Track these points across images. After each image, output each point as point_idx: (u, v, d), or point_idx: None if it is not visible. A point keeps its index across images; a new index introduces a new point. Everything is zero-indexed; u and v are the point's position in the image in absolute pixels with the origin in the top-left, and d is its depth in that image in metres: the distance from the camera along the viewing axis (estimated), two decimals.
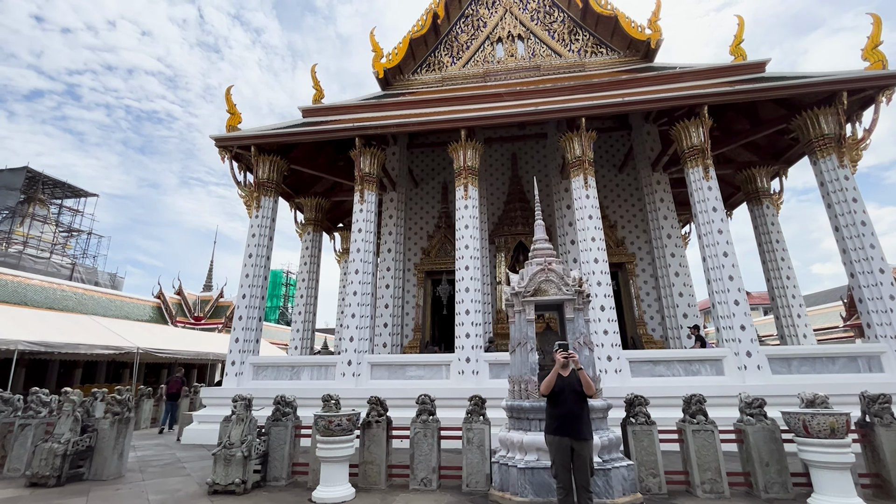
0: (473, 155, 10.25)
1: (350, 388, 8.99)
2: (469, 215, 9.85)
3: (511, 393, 5.29)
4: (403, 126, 10.06)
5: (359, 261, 9.88)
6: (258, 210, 10.59)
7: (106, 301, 20.50)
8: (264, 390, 9.15)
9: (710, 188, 9.22)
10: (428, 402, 5.43)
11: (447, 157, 16.37)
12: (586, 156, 9.68)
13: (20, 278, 17.05)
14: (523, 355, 5.21)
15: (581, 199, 9.58)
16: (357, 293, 9.63)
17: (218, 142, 10.52)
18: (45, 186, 30.06)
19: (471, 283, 9.34)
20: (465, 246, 9.63)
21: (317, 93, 12.54)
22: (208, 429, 8.88)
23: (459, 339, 9.11)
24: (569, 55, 13.79)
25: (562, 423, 3.71)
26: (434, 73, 14.38)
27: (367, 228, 10.16)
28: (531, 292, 5.32)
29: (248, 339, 9.74)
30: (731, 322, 8.41)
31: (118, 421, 5.97)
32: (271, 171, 10.89)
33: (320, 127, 10.29)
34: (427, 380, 9.07)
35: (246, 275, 10.08)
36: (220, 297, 26.88)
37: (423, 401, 5.43)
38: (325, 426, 4.77)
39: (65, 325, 13.55)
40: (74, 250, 30.77)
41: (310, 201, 13.82)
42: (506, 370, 8.94)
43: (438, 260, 15.12)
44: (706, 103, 9.09)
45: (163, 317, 23.64)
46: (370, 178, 10.56)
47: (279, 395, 5.84)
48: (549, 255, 5.73)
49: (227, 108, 10.97)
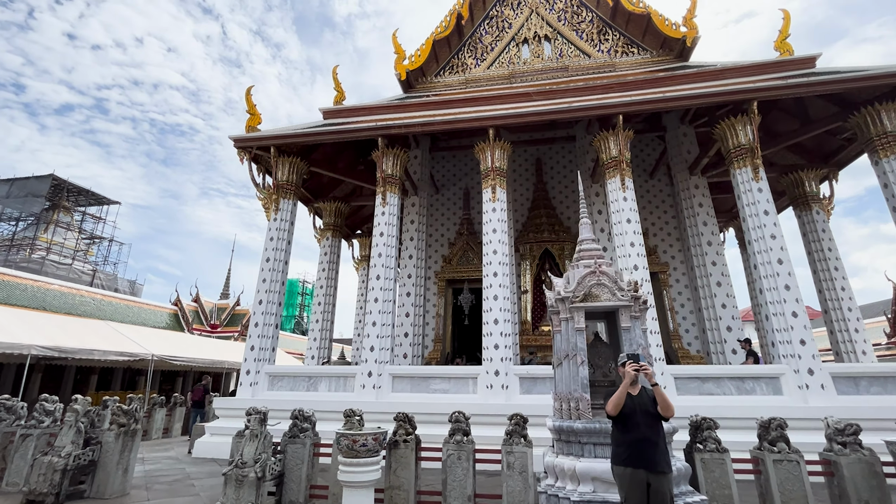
0: (501, 155, 9.72)
1: (370, 401, 8.42)
2: (497, 218, 9.29)
3: (558, 412, 4.66)
4: (428, 125, 9.61)
5: (380, 266, 9.38)
6: (277, 213, 10.21)
7: (124, 307, 20.41)
8: (280, 402, 8.66)
9: (760, 189, 8.51)
10: (462, 421, 4.83)
11: (469, 162, 15.96)
12: (623, 156, 9.08)
13: (40, 283, 17.03)
14: (572, 369, 4.58)
15: (618, 202, 8.94)
16: (378, 300, 9.11)
17: (237, 142, 10.22)
18: (69, 194, 30.55)
19: (499, 291, 8.74)
20: (493, 251, 9.06)
21: (338, 94, 12.23)
22: (221, 442, 8.39)
23: (487, 350, 8.49)
24: (598, 55, 13.26)
25: (635, 452, 3.08)
26: (457, 74, 13.98)
27: (389, 232, 9.68)
28: (580, 298, 4.70)
29: (263, 346, 9.27)
30: (788, 336, 7.63)
31: (124, 433, 5.50)
32: (291, 172, 10.53)
33: (342, 126, 9.91)
34: (452, 394, 8.46)
35: (263, 280, 9.67)
36: (236, 304, 26.71)
37: (457, 418, 4.83)
38: (349, 446, 4.20)
39: (80, 331, 13.33)
40: (96, 257, 31.11)
41: (329, 206, 13.44)
42: (538, 385, 8.29)
43: (460, 268, 14.58)
44: (756, 98, 8.42)
45: (180, 324, 23.49)
46: (393, 179, 10.11)
47: (297, 409, 5.31)
48: (598, 256, 5.12)
49: (247, 108, 10.70)
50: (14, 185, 29.30)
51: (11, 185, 29.32)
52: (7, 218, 28.97)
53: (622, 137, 9.08)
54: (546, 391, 8.18)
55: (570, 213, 14.72)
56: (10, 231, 28.63)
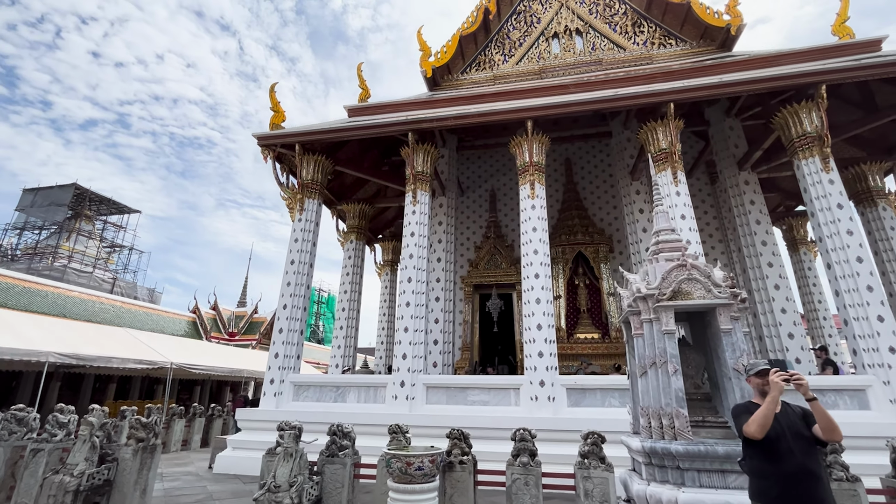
0: (539, 150, 9.10)
1: (403, 413, 7.77)
2: (537, 216, 8.65)
3: (645, 429, 3.96)
4: (462, 118, 9.05)
5: (412, 268, 8.78)
6: (301, 213, 9.72)
7: (143, 315, 20.16)
8: (306, 413, 8.07)
9: (831, 181, 7.72)
10: (528, 440, 4.16)
11: (494, 163, 15.38)
12: (674, 147, 8.38)
13: (60, 290, 16.84)
14: (662, 379, 3.89)
15: (671, 197, 8.23)
16: (411, 304, 8.50)
17: (261, 140, 9.80)
18: (91, 203, 30.82)
19: (542, 294, 8.06)
20: (533, 251, 8.40)
21: (363, 92, 11.79)
22: (243, 456, 7.82)
23: (530, 358, 7.79)
24: (633, 48, 12.62)
25: (792, 488, 2.37)
26: (485, 71, 13.47)
27: (420, 232, 9.10)
28: (667, 295, 4.02)
29: (288, 354, 8.72)
30: (874, 343, 6.79)
31: (142, 449, 4.95)
32: (316, 171, 10.06)
33: (370, 121, 9.42)
34: (492, 406, 7.77)
35: (287, 283, 9.15)
36: (254, 312, 26.36)
37: (522, 436, 4.16)
38: (402, 470, 3.56)
39: (99, 338, 12.98)
40: (116, 265, 31.23)
41: (353, 208, 12.95)
42: (587, 397, 7.55)
43: (488, 272, 13.94)
44: (826, 81, 7.68)
45: (198, 332, 23.19)
46: (423, 177, 9.56)
47: (335, 424, 4.70)
48: (681, 248, 4.45)
49: (271, 106, 10.29)
50: (38, 195, 29.67)
51: (36, 195, 29.70)
52: (31, 227, 29.29)
53: (672, 127, 8.39)
54: (596, 403, 7.45)
55: (602, 213, 14.01)
56: (34, 239, 28.92)
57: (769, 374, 2.62)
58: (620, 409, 7.32)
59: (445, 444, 6.81)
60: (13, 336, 10.07)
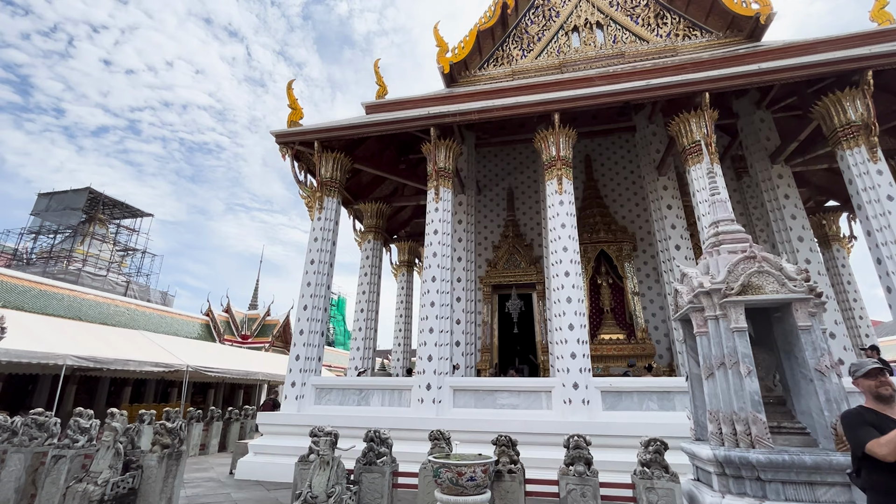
0: (567, 144, 8.80)
1: (429, 416, 7.48)
2: (565, 212, 8.33)
3: (718, 437, 3.63)
4: (486, 112, 8.78)
5: (436, 266, 8.51)
6: (321, 212, 9.50)
7: (157, 317, 20.11)
8: (328, 417, 7.82)
9: (879, 171, 7.33)
10: (583, 447, 3.85)
11: (512, 161, 15.08)
12: (710, 139, 8.03)
13: (76, 293, 16.81)
14: (733, 381, 3.56)
15: (706, 191, 7.86)
16: (435, 304, 8.22)
17: (279, 138, 9.60)
18: (104, 206, 30.99)
19: (573, 293, 7.74)
20: (562, 248, 8.08)
21: (380, 88, 11.57)
22: (266, 462, 7.58)
23: (562, 359, 7.47)
24: (656, 40, 12.28)
25: None
26: (503, 66, 13.19)
27: (443, 230, 8.82)
28: (736, 290, 3.69)
29: (309, 356, 8.48)
30: None
31: (168, 456, 4.71)
32: (335, 169, 9.84)
33: (392, 116, 9.17)
34: (522, 409, 7.45)
35: (307, 283, 8.91)
36: (266, 315, 26.27)
37: (577, 443, 3.85)
38: (453, 481, 3.27)
39: (115, 341, 12.86)
40: (129, 268, 31.35)
41: (370, 207, 12.71)
42: (623, 400, 7.21)
43: (507, 272, 13.64)
44: (873, 67, 7.30)
45: (211, 334, 23.11)
46: (446, 173, 9.29)
47: (372, 430, 4.42)
48: (745, 239, 4.12)
49: (289, 103, 10.10)
50: (53, 199, 29.89)
51: (51, 199, 29.92)
52: (46, 231, 29.50)
53: (708, 118, 8.04)
54: (634, 407, 7.10)
55: (624, 211, 13.65)
56: (49, 244, 29.11)
57: (882, 375, 2.30)
58: (660, 413, 6.98)
59: (479, 449, 6.52)
60: (30, 338, 9.94)
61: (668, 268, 9.99)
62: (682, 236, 10.09)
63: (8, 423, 5.63)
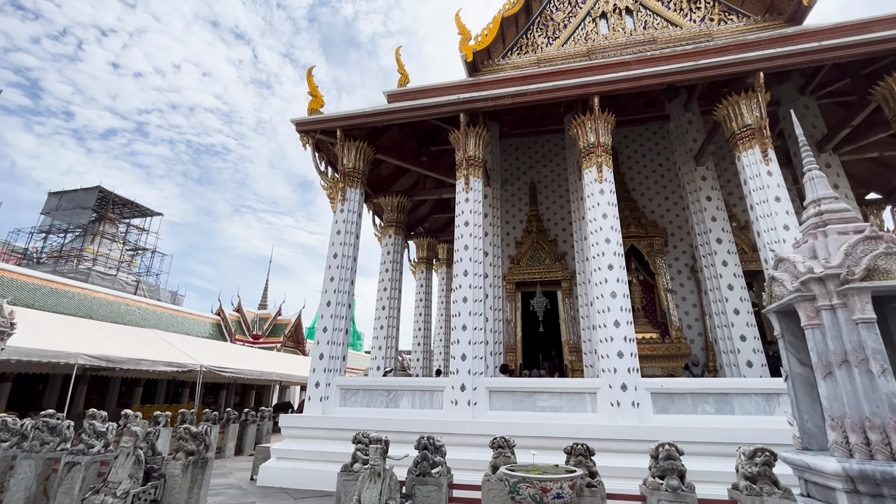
0: (606, 129, 8.27)
1: (464, 420, 6.99)
2: (606, 201, 7.80)
3: (844, 447, 3.08)
4: (519, 96, 8.28)
5: (468, 260, 8.01)
6: (343, 203, 9.04)
7: (168, 316, 19.77)
8: (354, 420, 7.36)
9: None
10: (676, 457, 3.33)
11: (534, 154, 14.55)
12: (763, 122, 7.47)
13: (86, 291, 16.48)
14: (861, 381, 3.02)
15: (761, 178, 7.32)
16: (468, 299, 7.72)
17: (299, 126, 9.15)
18: (114, 206, 30.82)
19: (618, 287, 7.21)
20: (604, 240, 7.55)
21: (402, 77, 11.09)
22: (289, 468, 7.10)
23: (607, 359, 6.94)
24: (690, 25, 11.72)
25: None
26: (527, 54, 12.69)
27: (475, 221, 8.32)
28: (859, 275, 3.16)
29: (334, 354, 8.00)
30: None
31: (193, 464, 4.24)
32: (357, 159, 9.38)
33: (419, 102, 8.70)
34: (565, 412, 6.92)
35: (331, 278, 8.45)
36: (278, 314, 25.90)
37: (668, 454, 3.33)
38: (536, 498, 2.77)
39: (127, 339, 12.47)
40: (139, 268, 31.14)
41: (390, 200, 12.24)
42: (675, 402, 6.66)
43: (530, 269, 13.13)
44: None
45: (222, 334, 22.76)
46: (476, 162, 8.80)
47: (425, 437, 3.93)
48: (855, 218, 3.58)
49: (309, 90, 9.66)
50: (63, 198, 29.73)
51: (61, 198, 29.76)
52: (56, 230, 29.34)
53: (761, 100, 7.49)
54: (687, 410, 6.56)
55: (653, 205, 13.08)
56: (59, 243, 28.94)
57: None
58: (717, 416, 6.43)
59: (520, 456, 6.02)
60: (41, 336, 9.56)
61: (709, 262, 9.42)
62: (724, 229, 9.52)
63: (17, 427, 5.19)
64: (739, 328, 8.66)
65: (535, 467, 3.12)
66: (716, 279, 9.24)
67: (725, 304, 8.92)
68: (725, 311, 8.89)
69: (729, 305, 8.89)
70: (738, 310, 8.81)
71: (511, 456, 3.60)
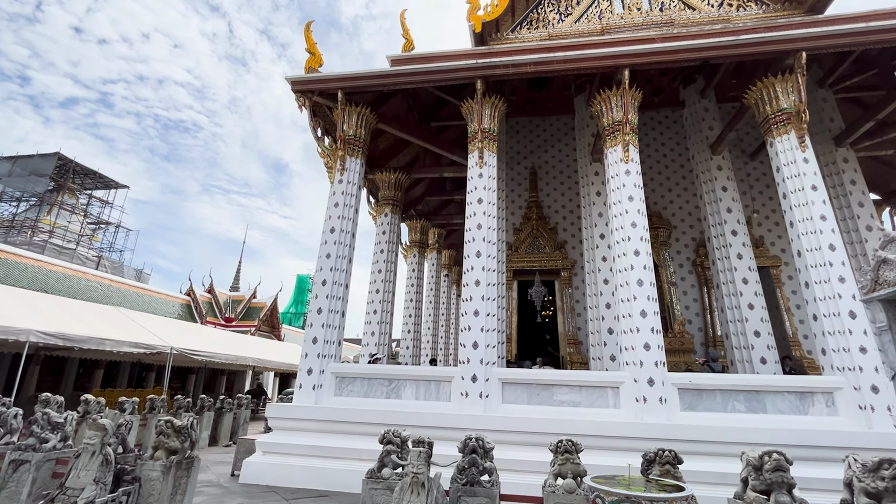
0: (634, 106, 7.70)
1: (476, 413, 6.37)
2: (633, 183, 7.26)
3: None
4: (543, 64, 7.62)
5: (480, 240, 7.34)
6: (342, 173, 8.19)
7: (133, 294, 18.35)
8: (352, 411, 6.65)
9: None
10: (785, 468, 2.76)
11: (535, 138, 13.93)
12: (802, 106, 7.05)
13: (42, 263, 14.99)
14: None
15: (797, 164, 6.91)
16: (481, 283, 7.06)
17: (295, 84, 8.22)
18: (75, 175, 28.60)
19: (644, 275, 6.70)
20: (630, 223, 7.01)
21: (407, 42, 10.19)
22: (278, 463, 6.33)
23: (631, 351, 6.44)
24: (707, 10, 11.27)
25: None
26: (538, 30, 11.99)
27: (489, 199, 7.65)
28: None
29: (329, 339, 7.22)
30: None
31: (176, 465, 3.44)
32: (359, 126, 8.53)
33: (433, 66, 7.92)
34: (585, 408, 6.39)
35: (327, 255, 7.63)
36: (252, 297, 24.64)
37: (778, 464, 2.74)
38: None
39: (88, 317, 11.27)
40: (101, 243, 29.10)
41: (387, 177, 11.41)
42: (704, 399, 6.22)
43: (529, 257, 12.61)
44: None
45: (192, 315, 21.43)
46: (490, 135, 8.10)
47: (472, 438, 3.27)
48: None
49: (307, 47, 8.70)
50: (17, 164, 27.29)
51: (14, 164, 27.31)
52: (9, 198, 26.98)
53: (801, 82, 7.05)
54: (716, 408, 6.13)
55: (656, 196, 12.74)
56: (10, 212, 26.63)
57: None
58: (748, 415, 6.03)
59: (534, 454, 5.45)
60: None
61: (723, 255, 9.06)
62: (739, 221, 9.17)
63: None
64: (754, 323, 8.36)
65: (624, 479, 2.52)
66: (730, 272, 8.89)
67: (740, 298, 8.59)
68: (739, 305, 8.57)
69: (743, 300, 8.57)
70: (753, 304, 8.50)
71: (580, 463, 2.99)
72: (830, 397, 5.90)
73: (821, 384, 5.95)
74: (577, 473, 2.91)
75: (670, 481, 2.74)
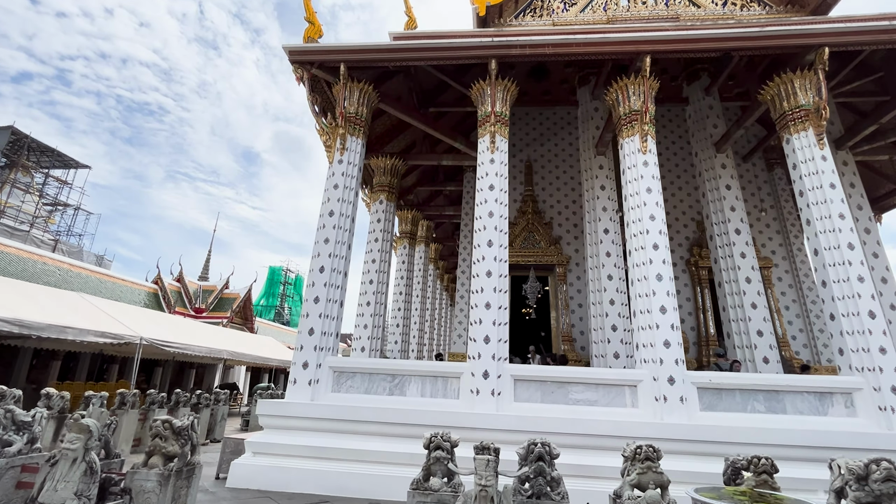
0: (652, 95, 7.45)
1: (488, 412, 5.98)
2: (651, 174, 7.03)
3: None
4: (563, 46, 7.25)
5: (491, 229, 6.94)
6: (343, 153, 7.62)
7: (95, 280, 17.05)
8: (352, 409, 6.14)
9: None
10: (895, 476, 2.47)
11: (532, 130, 13.64)
12: (822, 102, 6.96)
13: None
14: None
15: (815, 162, 6.82)
16: (492, 274, 6.67)
17: (293, 54, 7.57)
18: (30, 151, 26.55)
19: (663, 269, 6.46)
20: (648, 216, 6.76)
21: (409, 20, 9.67)
22: (270, 465, 5.75)
23: (650, 348, 6.18)
24: (712, 7, 11.20)
25: None
26: (542, 18, 11.65)
27: (500, 186, 7.25)
28: None
29: (326, 330, 6.66)
30: None
31: (175, 473, 2.88)
32: (360, 103, 7.96)
33: (445, 42, 7.45)
34: (602, 406, 6.10)
35: (325, 239, 7.05)
36: (224, 287, 23.46)
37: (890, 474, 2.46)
38: None
39: (46, 302, 10.23)
40: (58, 226, 27.12)
41: (383, 162, 10.84)
42: (723, 399, 6.03)
43: (523, 251, 12.32)
44: None
45: (159, 304, 20.18)
46: (502, 119, 7.69)
47: (538, 444, 2.86)
48: None
49: (306, 16, 8.06)
50: None
51: None
52: None
53: (822, 78, 6.96)
54: (736, 408, 5.95)
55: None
56: None
57: None
58: (768, 416, 5.87)
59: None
60: None
61: (727, 253, 8.99)
62: (742, 219, 9.12)
63: None
64: (756, 323, 8.31)
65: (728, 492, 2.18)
66: (732, 271, 8.83)
67: (743, 297, 8.53)
68: (742, 304, 8.51)
69: (746, 299, 8.51)
70: (756, 304, 8.46)
71: (663, 472, 2.65)
72: (850, 398, 5.80)
73: (840, 384, 5.85)
74: (660, 483, 2.56)
75: (783, 495, 2.42)
